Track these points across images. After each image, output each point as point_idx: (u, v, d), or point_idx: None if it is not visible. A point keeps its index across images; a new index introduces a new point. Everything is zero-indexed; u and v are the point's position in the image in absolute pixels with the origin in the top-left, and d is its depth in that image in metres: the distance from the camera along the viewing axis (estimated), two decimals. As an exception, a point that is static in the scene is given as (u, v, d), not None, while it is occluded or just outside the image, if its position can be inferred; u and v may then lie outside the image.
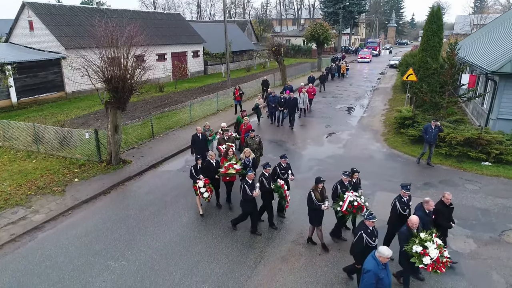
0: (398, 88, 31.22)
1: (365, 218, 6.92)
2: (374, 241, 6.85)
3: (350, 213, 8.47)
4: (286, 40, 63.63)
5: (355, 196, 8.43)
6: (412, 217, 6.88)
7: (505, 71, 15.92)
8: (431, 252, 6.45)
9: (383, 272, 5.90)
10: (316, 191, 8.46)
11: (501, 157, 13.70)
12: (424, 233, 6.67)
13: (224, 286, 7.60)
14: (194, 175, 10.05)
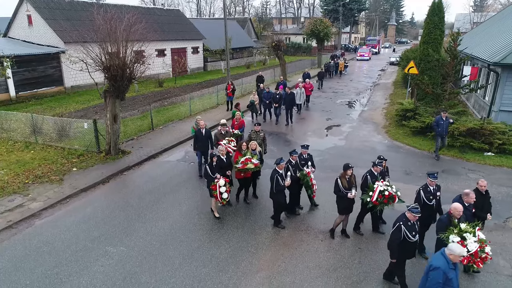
0: (398, 83, 31.09)
1: (408, 210, 6.36)
2: (414, 236, 6.33)
3: (381, 203, 7.96)
4: (286, 38, 63.46)
5: (386, 186, 7.94)
6: (456, 204, 6.40)
7: (508, 62, 15.80)
8: (469, 245, 5.98)
9: (452, 272, 5.28)
10: (343, 178, 8.12)
11: (504, 148, 13.57)
12: (466, 224, 6.21)
13: (225, 270, 7.45)
14: (210, 174, 9.05)
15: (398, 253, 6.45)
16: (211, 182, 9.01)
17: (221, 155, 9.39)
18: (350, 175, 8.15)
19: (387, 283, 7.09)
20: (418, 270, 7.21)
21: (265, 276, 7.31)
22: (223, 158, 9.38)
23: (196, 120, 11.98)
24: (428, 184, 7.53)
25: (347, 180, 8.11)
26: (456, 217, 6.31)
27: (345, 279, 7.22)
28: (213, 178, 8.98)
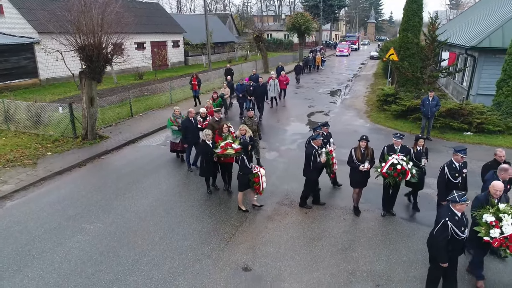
0: (379, 74, 31.45)
1: (452, 201, 5.28)
2: (463, 232, 5.28)
3: (390, 176, 7.55)
4: (268, 35, 63.39)
5: (401, 160, 7.49)
6: (495, 182, 5.70)
7: (484, 46, 16.14)
8: (505, 227, 5.23)
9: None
10: (358, 149, 7.81)
11: (482, 127, 13.79)
12: (506, 205, 5.44)
13: (207, 242, 7.22)
14: (248, 166, 8.06)
15: (446, 257, 5.34)
16: (251, 174, 8.07)
17: (206, 140, 8.72)
18: (366, 147, 7.83)
19: (373, 249, 7.00)
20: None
21: (249, 246, 7.11)
22: (208, 143, 8.70)
23: (174, 110, 11.06)
24: (454, 160, 6.93)
25: (361, 152, 7.81)
26: (495, 197, 5.60)
27: (330, 247, 7.10)
28: (251, 169, 8.07)
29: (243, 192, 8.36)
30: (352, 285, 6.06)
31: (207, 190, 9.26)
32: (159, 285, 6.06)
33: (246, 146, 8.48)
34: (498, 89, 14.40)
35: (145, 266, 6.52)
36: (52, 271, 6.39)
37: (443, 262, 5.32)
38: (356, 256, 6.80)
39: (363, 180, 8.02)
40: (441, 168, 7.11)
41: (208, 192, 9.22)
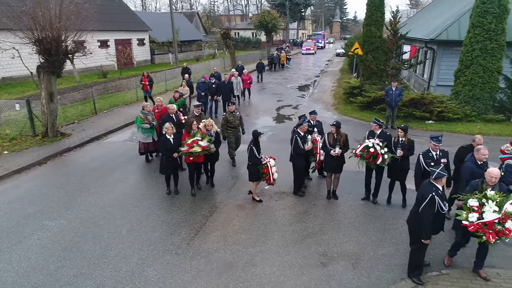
0: (345, 70, 32.17)
1: (436, 177, 5.28)
2: (445, 205, 5.43)
3: (362, 158, 7.70)
4: (235, 33, 63.32)
5: (376, 145, 7.56)
6: (492, 169, 5.42)
7: (442, 39, 16.85)
8: (486, 213, 5.07)
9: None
10: (330, 135, 7.96)
11: (442, 115, 14.39)
12: (494, 192, 5.21)
13: (177, 233, 7.05)
14: (257, 156, 7.88)
15: (429, 233, 5.37)
16: (260, 164, 7.92)
17: (167, 134, 8.20)
18: (337, 133, 7.94)
19: (343, 231, 7.10)
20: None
21: (220, 235, 7.02)
22: (169, 138, 8.18)
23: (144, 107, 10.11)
24: (431, 149, 6.76)
25: (334, 137, 7.93)
26: (490, 184, 5.33)
27: (301, 231, 7.14)
28: (261, 160, 7.90)
29: (255, 182, 8.20)
30: (323, 266, 6.11)
31: (166, 189, 8.67)
32: (127, 277, 5.84)
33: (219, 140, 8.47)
34: (456, 79, 15.06)
35: (112, 259, 6.27)
36: (10, 269, 6.01)
37: (426, 238, 5.35)
38: (326, 239, 6.87)
39: (336, 165, 8.10)
40: (417, 158, 7.03)
41: (167, 192, 8.64)
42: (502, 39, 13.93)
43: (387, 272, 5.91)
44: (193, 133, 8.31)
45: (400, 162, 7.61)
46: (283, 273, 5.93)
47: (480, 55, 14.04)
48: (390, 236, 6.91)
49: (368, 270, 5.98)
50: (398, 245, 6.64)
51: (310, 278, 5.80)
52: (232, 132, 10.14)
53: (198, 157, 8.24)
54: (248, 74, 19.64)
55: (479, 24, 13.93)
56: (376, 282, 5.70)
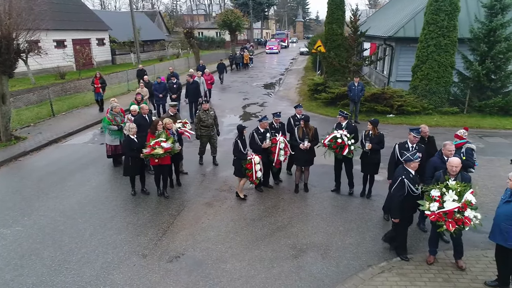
0: (309, 68, 32.72)
1: (406, 160, 5.63)
2: (417, 189, 5.67)
3: (330, 148, 7.86)
4: (199, 33, 62.67)
5: (344, 136, 7.75)
6: (452, 159, 5.49)
7: (399, 36, 17.54)
8: (446, 203, 5.16)
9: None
10: (300, 129, 8.08)
11: (402, 109, 14.97)
12: (455, 182, 5.29)
13: (143, 234, 6.85)
14: (242, 150, 7.80)
15: (401, 212, 5.73)
16: (244, 159, 7.81)
17: (130, 134, 7.89)
18: (307, 127, 8.06)
19: (311, 223, 7.20)
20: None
21: (189, 233, 6.89)
22: (133, 138, 7.88)
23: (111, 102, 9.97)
24: (409, 140, 6.75)
25: (303, 131, 8.04)
26: (452, 174, 5.43)
27: (270, 225, 7.16)
28: (246, 155, 7.81)
29: (241, 178, 8.08)
30: (293, 258, 6.15)
31: (131, 191, 8.35)
32: (91, 281, 5.60)
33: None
34: (413, 74, 15.71)
35: (75, 264, 5.99)
36: (-39, 282, 5.59)
37: (395, 218, 5.77)
38: (295, 231, 6.93)
39: (306, 158, 8.20)
40: (393, 147, 7.10)
41: (132, 193, 8.32)
42: (454, 36, 14.68)
43: (355, 260, 6.05)
44: (158, 134, 7.98)
45: (370, 155, 7.71)
46: (253, 267, 5.92)
47: (435, 50, 14.73)
48: (356, 226, 7.08)
49: (337, 259, 6.10)
50: (364, 233, 6.82)
51: (281, 271, 5.83)
52: (205, 132, 9.73)
53: (163, 159, 7.86)
54: (209, 74, 18.78)
55: (433, 21, 14.60)
56: (344, 270, 5.82)
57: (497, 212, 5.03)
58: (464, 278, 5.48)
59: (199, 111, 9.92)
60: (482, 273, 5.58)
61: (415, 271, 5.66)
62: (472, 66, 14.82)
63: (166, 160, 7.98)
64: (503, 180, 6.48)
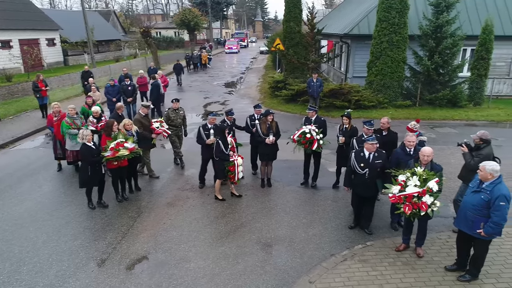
0: (269, 66, 32.99)
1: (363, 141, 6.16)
2: (362, 168, 6.05)
3: (299, 143, 7.97)
4: (157, 32, 61.27)
5: (312, 130, 7.88)
6: (424, 148, 5.66)
7: (354, 33, 18.07)
8: (408, 187, 5.37)
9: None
10: (263, 124, 8.04)
11: (359, 103, 15.45)
12: (423, 169, 5.45)
13: (101, 238, 6.54)
14: (224, 151, 7.54)
15: (348, 182, 6.48)
16: (227, 161, 7.58)
17: (86, 142, 7.17)
18: (271, 121, 8.05)
19: (275, 217, 7.22)
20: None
21: (150, 234, 6.67)
22: (90, 145, 7.20)
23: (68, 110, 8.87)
24: (364, 133, 7.01)
25: (267, 126, 8.03)
26: (423, 163, 5.56)
27: (234, 222, 7.10)
28: (228, 155, 7.57)
29: (221, 180, 7.87)
30: (258, 252, 6.13)
31: (88, 204, 7.61)
32: (44, 291, 5.26)
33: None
34: (368, 70, 16.26)
35: (26, 275, 5.59)
36: None
37: (345, 185, 6.68)
38: (259, 226, 6.92)
39: (270, 152, 8.24)
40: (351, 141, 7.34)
41: (90, 206, 7.59)
42: (405, 32, 15.36)
43: (318, 251, 6.14)
44: (114, 135, 7.59)
45: (345, 148, 7.75)
46: (218, 264, 5.83)
47: (388, 47, 15.33)
48: (319, 217, 7.19)
49: (301, 250, 6.15)
50: (326, 224, 6.95)
51: (246, 266, 5.78)
52: (173, 132, 9.37)
53: (122, 161, 7.47)
54: (163, 76, 17.46)
55: (385, 19, 15.19)
56: (308, 261, 5.88)
57: (464, 200, 5.18)
58: (421, 261, 5.72)
59: (169, 109, 9.63)
60: (437, 255, 5.86)
61: (375, 257, 5.83)
62: (422, 61, 15.57)
63: (124, 162, 7.59)
64: (454, 167, 6.91)
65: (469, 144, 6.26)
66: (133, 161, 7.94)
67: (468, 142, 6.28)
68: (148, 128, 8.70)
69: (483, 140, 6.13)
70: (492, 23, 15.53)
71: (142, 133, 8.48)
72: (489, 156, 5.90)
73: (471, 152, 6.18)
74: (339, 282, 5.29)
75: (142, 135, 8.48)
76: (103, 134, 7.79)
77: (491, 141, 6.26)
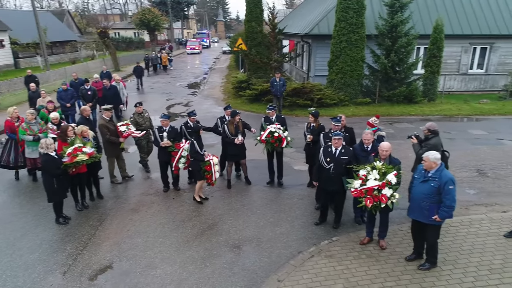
0: (232, 66, 32.91)
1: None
2: (328, 162, 6.25)
3: (268, 143, 8.01)
4: (115, 33, 59.32)
5: (278, 129, 8.02)
6: (383, 143, 5.90)
7: (315, 33, 18.44)
8: (369, 181, 5.55)
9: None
10: (231, 125, 8.06)
11: (321, 101, 15.78)
12: (382, 163, 5.63)
13: (61, 250, 6.22)
14: (199, 151, 7.46)
15: (316, 176, 6.76)
16: (203, 161, 7.48)
17: (49, 152, 6.64)
18: (238, 122, 8.11)
19: (242, 218, 7.20)
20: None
21: (113, 242, 6.44)
22: (53, 155, 6.67)
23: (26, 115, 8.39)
24: (332, 129, 7.15)
25: (234, 126, 8.06)
26: (382, 157, 5.75)
27: (201, 224, 7.00)
28: (203, 156, 7.49)
29: (202, 182, 7.72)
30: (225, 253, 6.09)
31: (57, 220, 7.03)
32: (-2, 311, 4.93)
33: None
34: (329, 68, 16.65)
35: (-24, 294, 5.22)
36: None
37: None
38: (227, 228, 6.87)
39: (239, 152, 8.27)
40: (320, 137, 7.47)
41: (61, 222, 7.00)
42: (363, 32, 15.87)
43: (286, 249, 6.19)
44: (71, 141, 7.23)
45: (313, 146, 7.80)
46: (185, 269, 5.73)
47: (347, 46, 15.77)
48: (285, 216, 7.26)
49: (269, 250, 6.17)
50: (293, 222, 7.02)
51: (214, 269, 5.72)
52: (145, 136, 9.12)
53: (80, 167, 7.17)
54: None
55: (343, 19, 15.61)
56: (276, 260, 5.91)
57: (415, 191, 5.38)
58: (384, 253, 5.92)
59: (134, 114, 9.31)
60: (399, 246, 6.09)
61: (341, 252, 5.97)
62: (380, 60, 16.14)
63: (83, 168, 7.29)
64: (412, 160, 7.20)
65: (418, 136, 6.70)
66: (93, 167, 7.62)
67: (417, 134, 6.71)
68: (115, 133, 8.42)
69: (431, 131, 6.60)
70: (442, 22, 16.42)
71: (109, 138, 8.27)
72: (437, 146, 6.35)
73: (420, 143, 6.61)
74: (307, 278, 5.36)
75: (110, 141, 8.29)
76: (59, 140, 7.43)
77: (438, 132, 6.71)
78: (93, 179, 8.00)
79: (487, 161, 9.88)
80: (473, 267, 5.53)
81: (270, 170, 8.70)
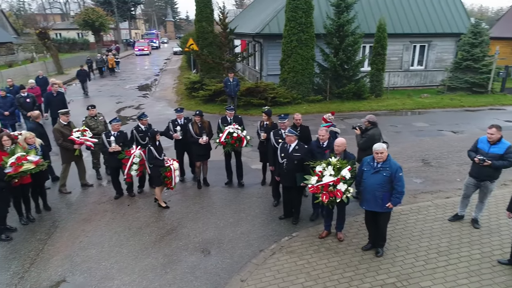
0: (184, 67, 32.41)
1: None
2: (282, 158, 6.54)
3: (228, 144, 7.97)
4: (57, 34, 55.93)
5: (236, 129, 8.00)
6: (337, 139, 6.03)
7: (265, 32, 18.64)
8: (325, 177, 5.65)
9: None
10: (195, 124, 8.03)
11: (275, 100, 16.00)
12: (337, 159, 5.76)
13: (5, 269, 5.74)
14: (158, 157, 7.27)
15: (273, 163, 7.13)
16: (163, 167, 7.28)
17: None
18: (203, 122, 8.09)
19: (202, 220, 7.09)
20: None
21: (65, 256, 6.05)
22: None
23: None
24: (279, 126, 7.40)
25: (198, 126, 8.02)
26: (337, 153, 5.89)
27: (159, 230, 6.80)
28: (163, 161, 7.30)
29: (160, 187, 7.49)
30: (186, 258, 5.97)
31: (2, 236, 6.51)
32: None
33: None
34: (281, 67, 16.91)
35: None
36: None
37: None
38: (186, 232, 6.73)
39: (205, 152, 8.24)
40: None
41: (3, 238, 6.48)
42: (312, 31, 16.29)
43: (247, 248, 6.19)
44: (11, 150, 6.62)
45: (267, 144, 7.73)
46: (144, 278, 5.53)
47: (297, 45, 16.11)
48: (245, 215, 7.26)
49: (230, 250, 6.14)
50: (253, 221, 7.04)
51: (175, 275, 5.58)
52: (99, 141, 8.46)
53: (24, 178, 6.66)
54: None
55: (293, 18, 15.92)
56: (238, 260, 5.89)
57: (367, 183, 5.56)
58: (342, 244, 6.12)
59: (86, 117, 8.90)
60: (356, 237, 6.33)
61: (301, 247, 6.08)
62: (329, 58, 16.67)
63: (27, 179, 6.77)
64: (365, 154, 7.48)
65: (361, 127, 7.30)
66: (38, 177, 7.09)
67: (361, 125, 7.32)
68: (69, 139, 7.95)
69: (370, 123, 7.23)
70: (385, 22, 17.32)
71: (61, 144, 7.93)
72: (374, 136, 6.97)
73: (361, 134, 7.25)
74: (269, 276, 5.39)
75: (64, 147, 7.93)
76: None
77: (377, 123, 7.31)
78: (39, 190, 7.47)
79: (430, 151, 10.57)
80: (423, 251, 5.88)
81: (228, 171, 8.68)
